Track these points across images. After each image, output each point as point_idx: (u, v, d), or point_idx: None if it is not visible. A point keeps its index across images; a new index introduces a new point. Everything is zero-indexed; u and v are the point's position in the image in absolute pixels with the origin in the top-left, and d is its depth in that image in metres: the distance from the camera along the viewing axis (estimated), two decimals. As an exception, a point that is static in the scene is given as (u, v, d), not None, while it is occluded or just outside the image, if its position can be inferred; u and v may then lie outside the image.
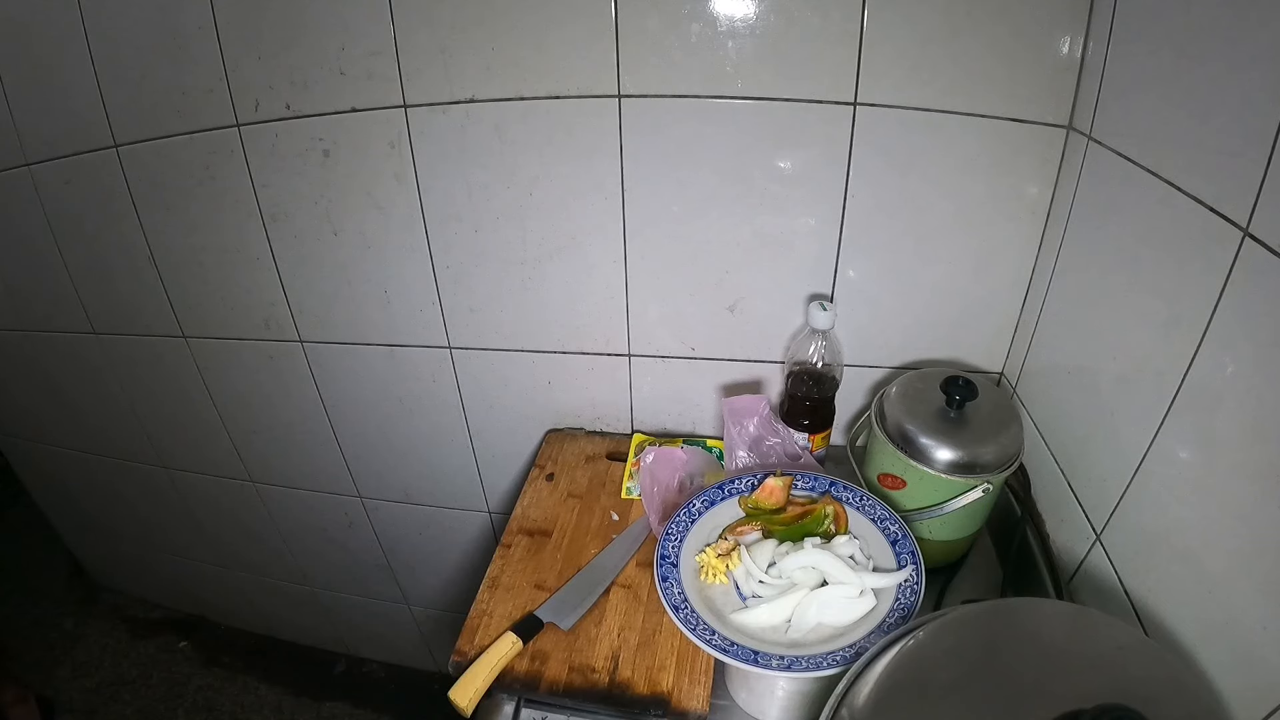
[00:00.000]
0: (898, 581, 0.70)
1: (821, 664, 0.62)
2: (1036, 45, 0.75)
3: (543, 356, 1.06)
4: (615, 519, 0.94)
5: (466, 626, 0.80)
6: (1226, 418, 0.54)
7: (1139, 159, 0.65)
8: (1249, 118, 0.50)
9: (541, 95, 0.85)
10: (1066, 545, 0.77)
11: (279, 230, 1.03)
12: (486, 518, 1.31)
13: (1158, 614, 0.61)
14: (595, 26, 0.80)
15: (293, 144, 0.95)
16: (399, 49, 0.85)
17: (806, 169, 0.85)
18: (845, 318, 0.90)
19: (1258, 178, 0.49)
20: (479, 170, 0.92)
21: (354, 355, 1.13)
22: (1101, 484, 0.70)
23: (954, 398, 0.76)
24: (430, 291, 1.03)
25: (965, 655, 0.52)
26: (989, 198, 0.84)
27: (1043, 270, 0.85)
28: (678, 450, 0.95)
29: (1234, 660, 0.52)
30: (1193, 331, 0.56)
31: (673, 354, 1.03)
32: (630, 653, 0.76)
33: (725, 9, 0.77)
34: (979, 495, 0.75)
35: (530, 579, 0.85)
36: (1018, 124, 0.78)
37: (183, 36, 0.90)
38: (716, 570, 0.73)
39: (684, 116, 0.83)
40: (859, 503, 0.79)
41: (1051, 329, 0.84)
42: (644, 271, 0.96)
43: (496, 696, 0.74)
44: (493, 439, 1.18)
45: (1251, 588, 0.51)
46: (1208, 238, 0.54)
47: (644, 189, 0.89)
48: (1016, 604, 0.61)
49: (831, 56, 0.78)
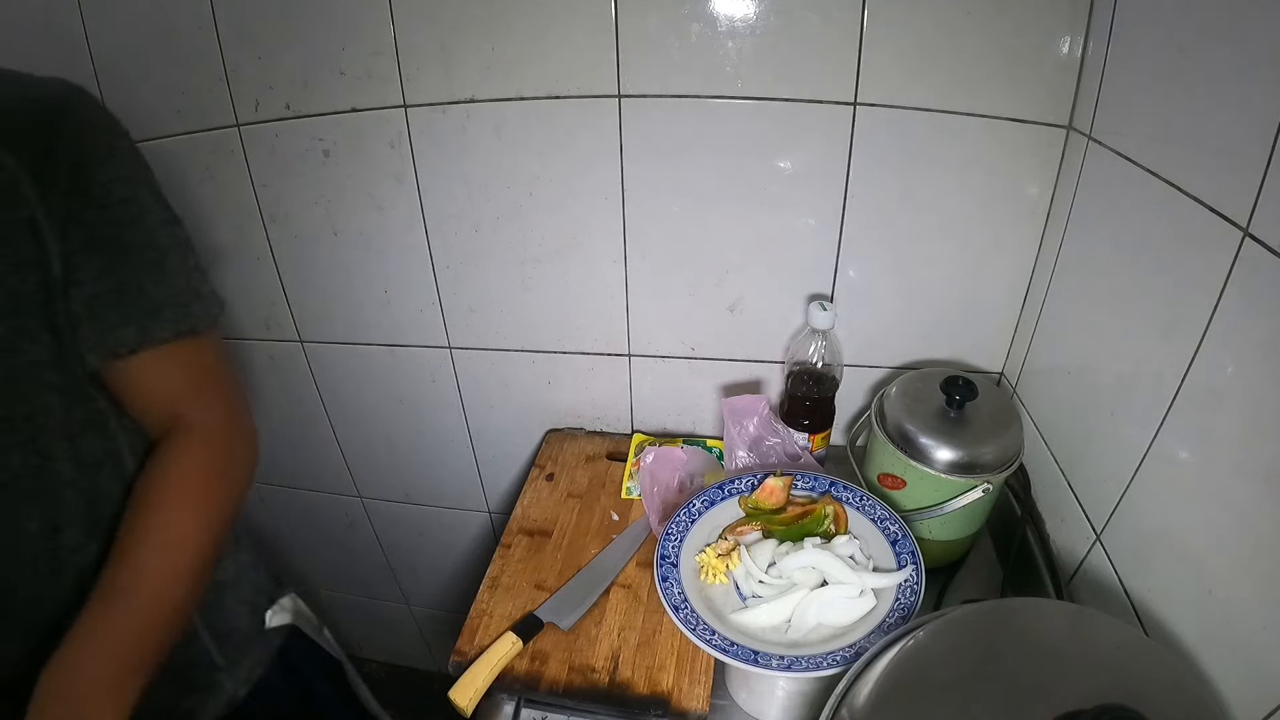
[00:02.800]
0: (898, 581, 0.70)
1: (821, 664, 0.62)
2: (1036, 45, 0.75)
3: (543, 356, 1.06)
4: (615, 519, 0.94)
5: (466, 626, 0.80)
6: (1226, 418, 0.54)
7: (1139, 159, 0.65)
8: (1249, 118, 0.50)
9: (541, 95, 0.85)
10: (1066, 545, 0.77)
11: (279, 230, 1.03)
12: (486, 518, 1.31)
13: (1158, 614, 0.61)
14: (595, 26, 0.80)
15: (293, 144, 0.95)
16: (399, 49, 0.85)
17: (806, 169, 0.85)
18: (845, 318, 0.90)
19: (1258, 178, 0.49)
20: (479, 170, 0.92)
21: (354, 355, 1.13)
22: (1101, 484, 0.70)
23: (954, 398, 0.76)
24: (430, 291, 1.03)
25: (965, 655, 0.52)
26: (989, 198, 0.84)
27: (1043, 270, 0.85)
28: (678, 450, 0.95)
29: (1234, 660, 0.52)
30: (1193, 331, 0.56)
31: (673, 354, 1.03)
32: (630, 653, 0.76)
33: (725, 9, 0.77)
34: (979, 495, 0.75)
35: (530, 579, 0.85)
36: (1018, 124, 0.78)
37: (183, 36, 0.90)
38: (716, 570, 0.73)
39: (684, 116, 0.83)
40: (859, 503, 0.79)
41: (1051, 329, 0.84)
42: (644, 271, 0.96)
43: (496, 696, 0.74)
44: (493, 439, 1.18)
45: (1251, 588, 0.51)
46: (1208, 238, 0.54)
47: (644, 189, 0.89)
48: (1016, 604, 0.61)
49: (831, 56, 0.78)
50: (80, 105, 0.58)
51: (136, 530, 0.58)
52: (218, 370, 0.66)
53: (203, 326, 0.63)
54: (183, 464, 0.61)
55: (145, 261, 0.60)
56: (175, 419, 0.62)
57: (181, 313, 0.61)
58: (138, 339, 0.58)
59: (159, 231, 0.61)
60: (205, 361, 0.65)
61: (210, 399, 0.65)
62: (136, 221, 0.59)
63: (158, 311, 0.59)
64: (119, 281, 0.58)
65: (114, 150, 0.59)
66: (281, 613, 0.81)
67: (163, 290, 0.60)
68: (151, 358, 0.60)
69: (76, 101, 0.58)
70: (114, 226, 0.58)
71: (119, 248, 0.58)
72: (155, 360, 0.60)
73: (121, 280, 0.58)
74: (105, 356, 0.58)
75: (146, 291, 0.59)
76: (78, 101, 0.58)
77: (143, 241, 0.60)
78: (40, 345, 0.56)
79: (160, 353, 0.60)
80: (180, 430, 0.62)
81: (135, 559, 0.57)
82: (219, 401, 0.65)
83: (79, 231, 0.55)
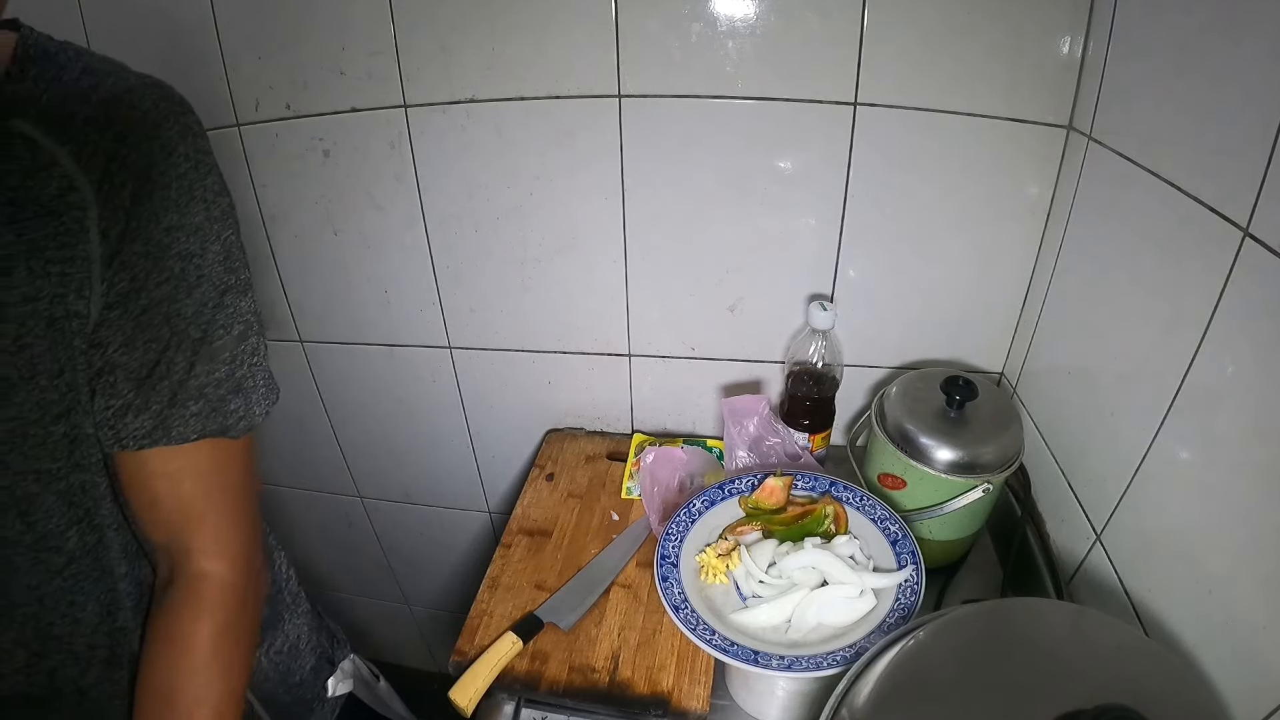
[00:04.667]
0: (898, 581, 0.70)
1: (821, 664, 0.62)
2: (1037, 45, 0.75)
3: (543, 356, 1.06)
4: (615, 519, 0.94)
5: (466, 626, 0.80)
6: (1226, 418, 0.54)
7: (1139, 159, 0.65)
8: (1249, 118, 0.50)
9: (541, 95, 0.85)
10: (1066, 545, 0.77)
11: (279, 230, 1.03)
12: (486, 518, 1.31)
13: (1158, 614, 0.61)
14: (596, 26, 0.80)
15: (293, 144, 0.94)
16: (399, 49, 0.85)
17: (807, 169, 0.85)
18: (845, 318, 0.90)
19: (1258, 178, 0.49)
20: (479, 170, 0.92)
21: (354, 355, 1.13)
22: (1101, 484, 0.70)
23: (954, 398, 0.76)
24: (430, 291, 1.03)
25: (965, 655, 0.52)
26: (989, 198, 0.84)
27: (1043, 270, 0.85)
28: (678, 450, 0.95)
29: (1234, 660, 0.52)
30: (1193, 331, 0.56)
31: (673, 354, 1.03)
32: (630, 653, 0.76)
33: (725, 9, 0.77)
34: (979, 495, 0.75)
35: (530, 579, 0.85)
36: (1018, 124, 0.78)
37: (183, 36, 0.90)
38: (716, 570, 0.73)
39: (684, 116, 0.83)
40: (859, 503, 0.79)
41: (1051, 329, 0.84)
42: (644, 271, 0.96)
43: (496, 696, 0.74)
44: (493, 439, 1.18)
45: (1251, 588, 0.51)
46: (1208, 238, 0.54)
47: (644, 189, 0.89)
48: (1016, 604, 0.61)
49: (831, 56, 0.78)
50: (173, 127, 0.48)
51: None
52: (240, 488, 0.55)
53: (237, 431, 0.52)
54: (197, 641, 0.52)
55: (185, 338, 0.49)
56: (183, 555, 0.52)
57: (212, 409, 0.50)
58: (151, 432, 0.48)
59: (216, 304, 0.50)
60: (228, 475, 0.53)
61: (224, 530, 0.53)
62: (191, 287, 0.49)
63: (183, 403, 0.49)
64: (146, 357, 0.48)
65: (192, 192, 0.49)
66: (344, 680, 0.75)
67: (197, 378, 0.50)
68: (164, 455, 0.50)
69: (170, 122, 0.48)
70: (163, 287, 0.48)
71: (160, 315, 0.48)
72: (168, 458, 0.50)
73: (149, 355, 0.48)
74: (109, 441, 0.49)
75: (175, 375, 0.49)
76: (171, 122, 0.48)
77: (190, 314, 0.49)
78: (88, 411, 0.48)
79: (175, 452, 0.50)
80: (189, 585, 0.52)
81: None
82: (234, 536, 0.54)
83: (123, 280, 0.46)
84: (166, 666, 0.52)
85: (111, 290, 0.46)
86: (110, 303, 0.46)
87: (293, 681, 0.72)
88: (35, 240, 0.43)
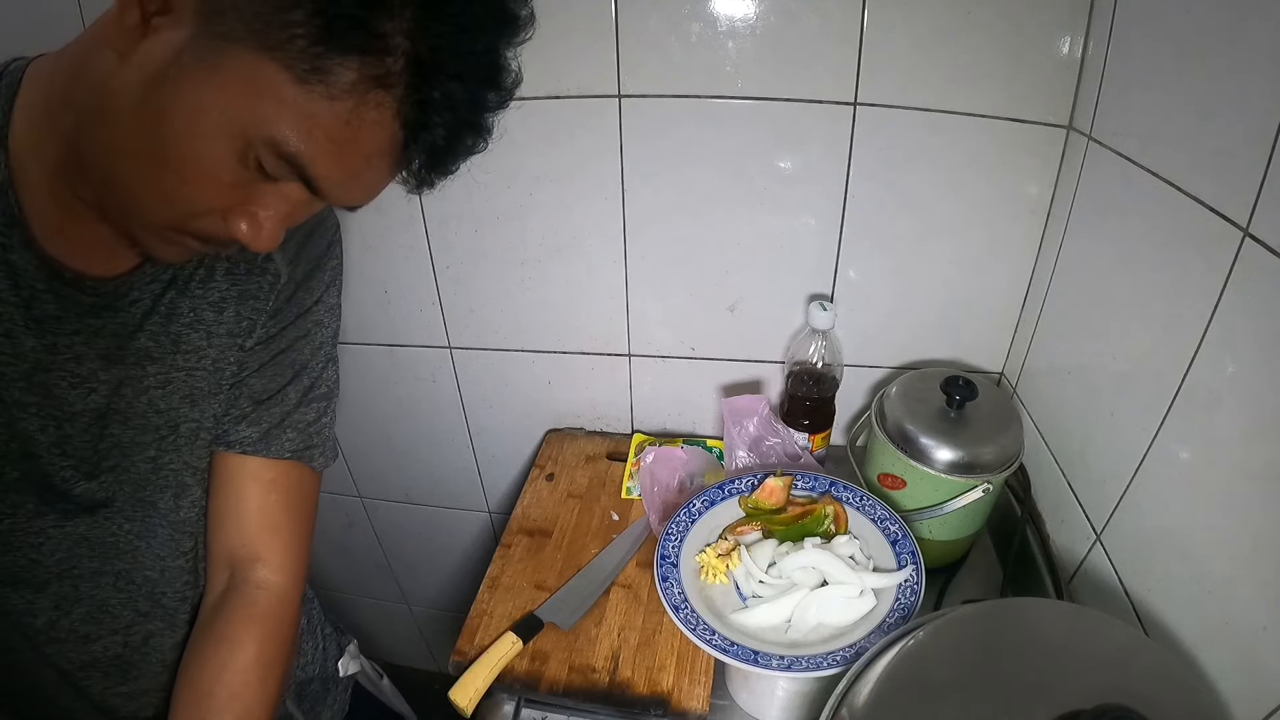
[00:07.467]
0: (898, 581, 0.70)
1: (821, 664, 0.62)
2: (1036, 45, 0.75)
3: (543, 356, 1.06)
4: (615, 519, 0.94)
5: (466, 626, 0.80)
6: (1226, 418, 0.54)
7: (1139, 159, 0.65)
8: (1249, 118, 0.50)
9: (541, 95, 0.85)
10: (1066, 545, 0.77)
11: (279, 230, 1.03)
12: (486, 518, 1.31)
13: (1158, 614, 0.61)
14: (595, 26, 0.80)
15: (293, 144, 0.94)
16: (399, 49, 0.85)
17: (807, 169, 0.85)
18: (845, 318, 0.90)
19: (1258, 178, 0.49)
20: (479, 170, 0.90)
21: (354, 355, 1.13)
22: (1101, 484, 0.70)
23: (954, 398, 0.76)
24: (430, 291, 1.03)
25: (965, 655, 0.52)
26: (989, 197, 0.84)
27: (1043, 270, 0.85)
28: (678, 450, 0.95)
29: (1234, 660, 0.52)
30: (1193, 331, 0.56)
31: (673, 354, 1.03)
32: (630, 653, 0.76)
33: (725, 9, 0.77)
34: (979, 495, 0.75)
35: (530, 579, 0.85)
36: (1018, 124, 0.78)
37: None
38: (716, 570, 0.73)
39: (684, 116, 0.83)
40: (859, 503, 0.79)
41: (1051, 329, 0.84)
42: (644, 271, 0.96)
43: (496, 696, 0.74)
44: (493, 439, 1.18)
45: (1251, 588, 0.51)
46: (1208, 238, 0.54)
47: (644, 189, 0.89)
48: (1016, 604, 0.61)
49: (831, 56, 0.78)
50: (336, 234, 0.63)
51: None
52: (310, 518, 0.65)
53: (316, 463, 0.63)
54: (245, 643, 0.58)
55: (300, 382, 0.62)
56: (248, 564, 0.60)
57: (304, 441, 0.62)
58: (255, 442, 0.59)
59: (324, 366, 0.64)
60: (305, 499, 0.64)
61: (293, 546, 0.62)
62: (315, 349, 0.62)
63: (285, 428, 0.60)
64: (269, 385, 0.60)
65: (335, 282, 0.64)
66: (351, 661, 0.82)
67: (300, 414, 0.61)
68: (262, 464, 0.60)
69: (335, 230, 0.63)
70: (298, 341, 0.61)
71: (289, 360, 0.61)
72: (264, 467, 0.60)
73: (272, 385, 0.60)
74: (220, 444, 0.59)
75: (285, 406, 0.61)
76: (335, 231, 0.63)
77: (304, 363, 0.62)
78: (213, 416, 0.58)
79: (271, 464, 0.60)
80: (248, 593, 0.59)
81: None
82: (299, 555, 0.63)
83: (274, 327, 0.59)
84: (215, 663, 0.57)
85: (265, 333, 0.59)
86: (259, 340, 0.59)
87: (304, 660, 0.75)
88: (246, 290, 0.57)
